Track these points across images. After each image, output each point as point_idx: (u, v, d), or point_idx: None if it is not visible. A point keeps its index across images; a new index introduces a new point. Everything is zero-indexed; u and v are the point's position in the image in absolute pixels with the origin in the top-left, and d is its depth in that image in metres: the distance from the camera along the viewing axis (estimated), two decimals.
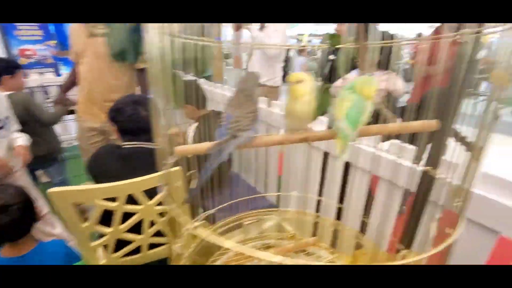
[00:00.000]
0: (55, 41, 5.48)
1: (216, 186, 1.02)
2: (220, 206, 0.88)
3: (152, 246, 1.08)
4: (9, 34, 4.32)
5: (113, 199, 0.88)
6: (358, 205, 1.09)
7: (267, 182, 1.83)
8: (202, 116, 1.52)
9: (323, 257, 0.79)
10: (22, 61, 3.91)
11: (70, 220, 0.87)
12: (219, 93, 2.16)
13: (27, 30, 4.97)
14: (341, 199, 1.13)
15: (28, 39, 4.89)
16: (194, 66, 0.75)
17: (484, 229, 0.79)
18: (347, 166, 1.14)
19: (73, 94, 1.78)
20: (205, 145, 0.50)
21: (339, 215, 1.12)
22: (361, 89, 0.44)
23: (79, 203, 0.86)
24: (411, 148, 0.90)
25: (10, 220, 0.86)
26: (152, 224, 1.01)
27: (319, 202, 1.26)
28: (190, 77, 1.02)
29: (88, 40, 1.53)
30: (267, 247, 0.80)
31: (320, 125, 1.10)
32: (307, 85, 0.45)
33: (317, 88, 0.50)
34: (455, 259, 0.82)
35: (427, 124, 0.48)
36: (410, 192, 0.87)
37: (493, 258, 0.80)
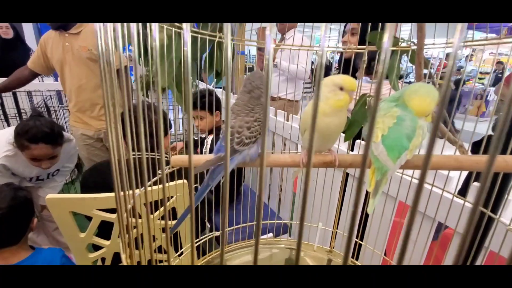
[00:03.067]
0: None
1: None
2: (229, 228, 0.78)
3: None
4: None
5: (113, 211, 0.82)
6: (380, 238, 0.96)
7: (281, 198, 1.72)
8: (217, 128, 1.46)
9: None
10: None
11: (67, 229, 0.82)
12: None
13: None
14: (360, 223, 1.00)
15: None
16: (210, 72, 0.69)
17: None
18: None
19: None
20: (204, 157, 0.42)
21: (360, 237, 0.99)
22: (413, 100, 0.31)
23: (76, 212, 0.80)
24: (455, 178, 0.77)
25: None
26: (154, 239, 0.94)
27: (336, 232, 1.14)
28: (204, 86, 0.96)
29: (65, 45, 1.50)
30: None
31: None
32: (347, 95, 0.34)
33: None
34: None
35: None
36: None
37: None
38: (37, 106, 2.47)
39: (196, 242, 0.81)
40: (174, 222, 0.91)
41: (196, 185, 0.63)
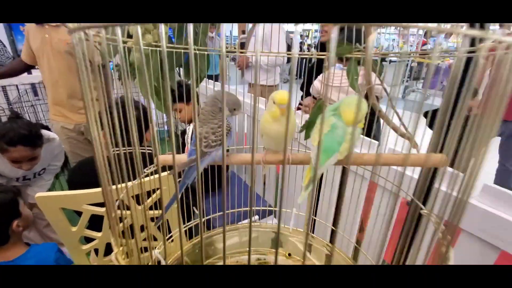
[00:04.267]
0: None
1: (212, 187, 1.00)
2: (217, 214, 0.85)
3: (145, 250, 1.07)
4: (16, 30, 4.33)
5: (102, 205, 0.86)
6: (354, 216, 1.06)
7: (265, 181, 1.80)
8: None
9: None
10: None
11: (59, 224, 0.86)
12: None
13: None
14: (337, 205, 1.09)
15: None
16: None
17: (485, 244, 0.75)
18: (344, 170, 1.10)
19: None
20: (184, 157, 0.48)
21: (335, 220, 1.09)
22: (344, 112, 0.37)
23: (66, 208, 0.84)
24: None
25: None
26: (143, 228, 1.00)
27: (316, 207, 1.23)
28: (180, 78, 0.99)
29: (44, 37, 1.48)
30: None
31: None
32: (289, 107, 0.40)
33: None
34: None
35: (434, 159, 0.38)
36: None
37: None
38: (13, 102, 2.40)
39: (184, 227, 0.87)
40: (160, 212, 0.97)
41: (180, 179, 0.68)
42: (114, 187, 0.43)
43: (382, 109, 0.52)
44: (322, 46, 1.55)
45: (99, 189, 0.84)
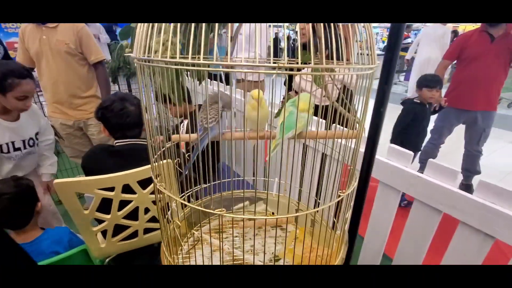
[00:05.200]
0: None
1: (205, 176, 1.14)
2: (208, 184, 0.97)
3: (148, 231, 1.20)
4: None
5: (111, 190, 0.99)
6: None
7: (255, 170, 1.95)
8: (190, 113, 1.62)
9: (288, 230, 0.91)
10: (12, 54, 3.87)
11: (73, 208, 0.98)
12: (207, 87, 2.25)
13: (13, 23, 4.92)
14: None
15: (15, 32, 4.85)
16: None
17: (479, 233, 0.85)
18: (323, 156, 1.26)
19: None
20: (193, 136, 0.63)
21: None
22: (296, 103, 0.55)
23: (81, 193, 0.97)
24: None
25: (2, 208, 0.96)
26: (146, 211, 1.13)
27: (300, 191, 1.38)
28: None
29: (42, 38, 1.54)
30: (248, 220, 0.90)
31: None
32: (262, 100, 0.56)
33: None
34: (451, 262, 0.93)
35: (350, 134, 0.56)
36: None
37: (487, 262, 0.85)
38: None
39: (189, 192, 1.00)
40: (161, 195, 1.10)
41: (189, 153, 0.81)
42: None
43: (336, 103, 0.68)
44: (303, 47, 1.67)
45: (108, 175, 0.96)
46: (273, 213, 0.90)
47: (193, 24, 0.44)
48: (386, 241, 1.17)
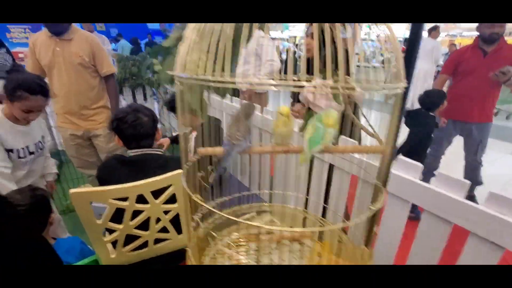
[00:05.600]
0: None
1: (215, 187, 1.16)
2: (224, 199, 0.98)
3: (158, 241, 1.21)
4: (2, 36, 4.31)
5: (124, 199, 1.00)
6: (339, 203, 1.23)
7: (260, 183, 1.96)
8: (201, 124, 1.65)
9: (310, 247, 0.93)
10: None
11: (86, 217, 0.99)
12: (217, 100, 2.28)
13: (19, 33, 5.01)
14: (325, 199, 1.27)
15: (20, 42, 4.93)
16: None
17: (490, 244, 0.87)
18: (331, 168, 1.28)
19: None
20: (219, 149, 0.66)
21: (323, 213, 1.26)
22: (324, 119, 0.58)
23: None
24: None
25: (19, 217, 0.97)
26: (157, 221, 1.13)
27: (307, 201, 1.40)
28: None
29: (56, 49, 1.57)
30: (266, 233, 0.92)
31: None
32: (289, 116, 0.60)
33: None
34: None
35: (377, 148, 0.61)
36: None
37: None
38: None
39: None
40: (174, 205, 1.11)
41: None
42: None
43: (355, 118, 0.71)
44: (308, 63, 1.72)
45: (123, 185, 0.97)
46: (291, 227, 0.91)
47: (220, 43, 0.47)
48: (395, 253, 1.17)
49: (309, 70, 0.65)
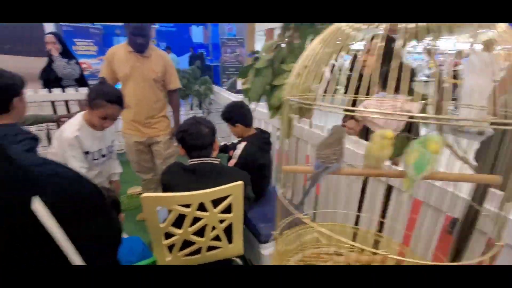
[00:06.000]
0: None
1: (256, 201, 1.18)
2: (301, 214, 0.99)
3: (209, 249, 1.24)
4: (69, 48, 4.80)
5: (186, 206, 1.05)
6: (399, 225, 1.17)
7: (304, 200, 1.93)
8: (251, 135, 1.69)
9: None
10: None
11: (152, 220, 1.06)
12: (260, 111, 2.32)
13: (84, 45, 5.61)
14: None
15: (84, 54, 5.51)
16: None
17: None
18: (389, 189, 1.23)
19: None
20: (305, 168, 0.67)
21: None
22: (428, 145, 0.56)
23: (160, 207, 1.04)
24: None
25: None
26: (212, 229, 1.17)
27: (357, 220, 1.34)
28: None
29: (135, 65, 1.74)
30: (339, 255, 0.89)
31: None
32: (392, 140, 0.59)
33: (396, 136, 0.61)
34: None
35: (489, 178, 0.56)
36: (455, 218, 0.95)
37: None
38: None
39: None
40: (229, 215, 1.14)
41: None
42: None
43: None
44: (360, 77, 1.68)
45: (189, 193, 1.03)
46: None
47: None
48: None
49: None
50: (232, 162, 1.57)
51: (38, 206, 0.44)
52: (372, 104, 1.04)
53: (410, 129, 1.21)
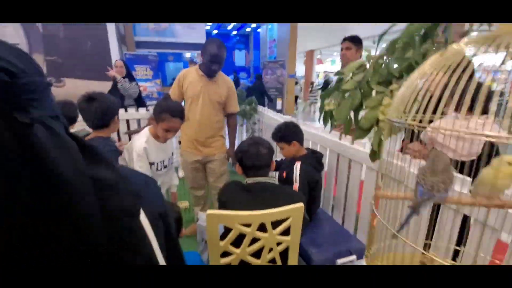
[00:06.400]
0: (160, 79, 6.64)
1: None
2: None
3: None
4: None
5: (247, 226, 1.05)
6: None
7: (356, 224, 1.83)
8: (303, 155, 1.68)
9: None
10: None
11: (213, 236, 1.07)
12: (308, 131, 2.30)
13: (142, 70, 6.24)
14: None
15: (142, 78, 6.10)
16: None
17: None
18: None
19: None
20: (400, 194, 0.64)
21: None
22: None
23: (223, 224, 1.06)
24: None
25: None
26: (269, 251, 1.15)
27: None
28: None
29: (204, 87, 1.87)
30: None
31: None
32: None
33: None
34: None
35: None
36: None
37: None
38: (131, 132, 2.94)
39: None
40: (287, 238, 1.11)
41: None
42: None
43: None
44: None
45: (251, 212, 1.03)
46: None
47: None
48: None
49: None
50: (296, 187, 1.53)
51: (143, 217, 0.47)
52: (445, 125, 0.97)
53: (490, 154, 1.10)
